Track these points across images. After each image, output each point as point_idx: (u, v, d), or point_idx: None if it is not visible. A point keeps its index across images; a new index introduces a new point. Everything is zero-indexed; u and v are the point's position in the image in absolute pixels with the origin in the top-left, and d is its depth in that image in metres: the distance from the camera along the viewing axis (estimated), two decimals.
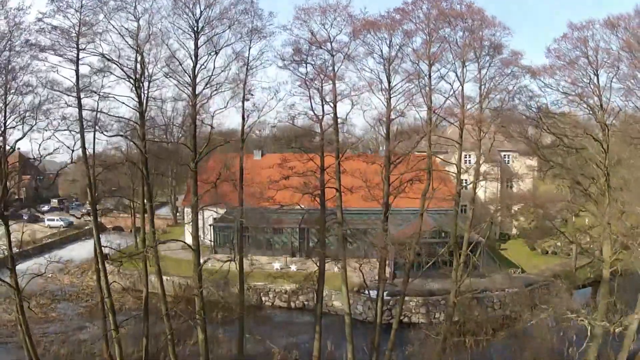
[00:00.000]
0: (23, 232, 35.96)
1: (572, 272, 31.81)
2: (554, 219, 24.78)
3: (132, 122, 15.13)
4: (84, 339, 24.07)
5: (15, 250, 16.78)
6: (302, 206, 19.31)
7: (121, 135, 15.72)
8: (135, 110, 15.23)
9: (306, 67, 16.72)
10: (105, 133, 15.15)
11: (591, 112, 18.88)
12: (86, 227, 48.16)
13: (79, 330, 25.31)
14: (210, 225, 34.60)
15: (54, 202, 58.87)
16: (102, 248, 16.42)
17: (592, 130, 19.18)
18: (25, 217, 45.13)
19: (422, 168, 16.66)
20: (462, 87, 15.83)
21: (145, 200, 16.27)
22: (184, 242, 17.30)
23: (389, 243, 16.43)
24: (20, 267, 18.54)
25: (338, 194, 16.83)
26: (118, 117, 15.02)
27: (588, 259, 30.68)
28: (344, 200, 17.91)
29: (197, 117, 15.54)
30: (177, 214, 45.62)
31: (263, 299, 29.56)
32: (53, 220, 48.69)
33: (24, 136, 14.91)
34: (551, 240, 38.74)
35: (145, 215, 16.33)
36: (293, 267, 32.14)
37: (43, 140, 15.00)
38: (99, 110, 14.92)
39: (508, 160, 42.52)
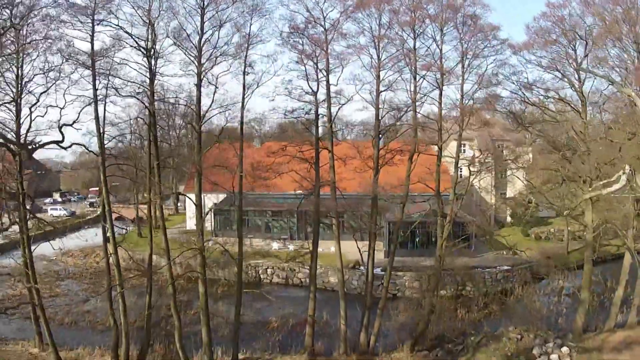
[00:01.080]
0: (27, 220, 36.82)
1: (564, 254, 32.72)
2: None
3: (142, 86, 16.52)
4: (87, 309, 25.07)
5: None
6: (298, 179, 20.29)
7: (132, 97, 17.06)
8: (146, 76, 16.60)
9: (303, 45, 18.16)
10: (118, 92, 16.44)
11: (570, 85, 20.18)
12: (88, 217, 49.25)
13: (82, 303, 26.25)
14: (210, 209, 35.51)
15: (56, 195, 60.08)
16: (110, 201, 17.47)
17: (572, 103, 20.49)
18: (28, 208, 46.07)
19: (409, 125, 17.92)
20: (441, 50, 17.60)
21: (152, 166, 17.32)
22: (187, 197, 18.20)
23: (378, 193, 17.53)
24: None
25: (330, 154, 17.97)
26: (128, 80, 16.38)
27: (580, 244, 31.54)
28: (339, 186, 19.25)
29: (202, 84, 16.85)
30: (178, 203, 46.90)
31: (261, 276, 30.47)
32: (56, 210, 49.83)
33: (47, 90, 16.24)
34: (544, 226, 39.93)
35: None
36: (291, 247, 33.11)
37: (65, 93, 16.39)
38: (111, 73, 16.26)
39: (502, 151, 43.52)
